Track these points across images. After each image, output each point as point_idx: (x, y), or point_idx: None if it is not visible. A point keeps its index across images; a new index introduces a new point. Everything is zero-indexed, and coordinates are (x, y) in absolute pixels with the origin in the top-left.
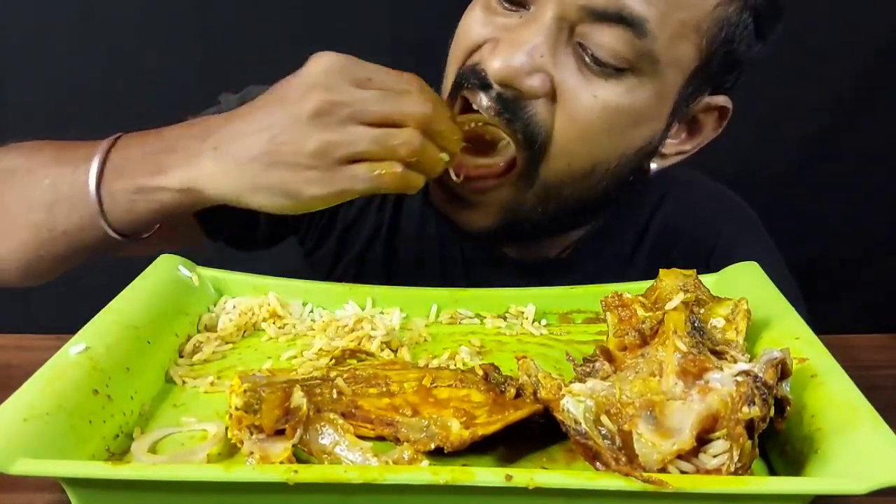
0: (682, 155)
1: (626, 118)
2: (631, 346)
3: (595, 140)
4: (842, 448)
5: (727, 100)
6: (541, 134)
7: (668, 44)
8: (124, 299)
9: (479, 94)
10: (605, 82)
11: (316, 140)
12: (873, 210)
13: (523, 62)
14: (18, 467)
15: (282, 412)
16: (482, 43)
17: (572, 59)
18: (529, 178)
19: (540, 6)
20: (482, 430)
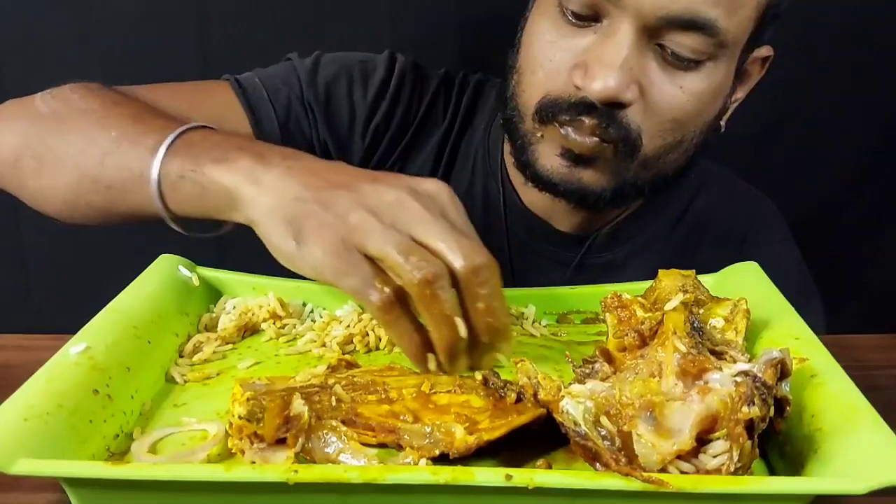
0: (738, 102)
1: (709, 97)
2: (630, 347)
3: (684, 121)
4: (842, 448)
5: (769, 48)
6: (633, 132)
7: (735, 30)
8: (124, 299)
9: (582, 122)
10: (687, 73)
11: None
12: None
13: (620, 79)
14: (18, 467)
15: (282, 420)
16: (564, 68)
17: (654, 61)
18: (629, 157)
19: (614, 18)
20: (487, 435)
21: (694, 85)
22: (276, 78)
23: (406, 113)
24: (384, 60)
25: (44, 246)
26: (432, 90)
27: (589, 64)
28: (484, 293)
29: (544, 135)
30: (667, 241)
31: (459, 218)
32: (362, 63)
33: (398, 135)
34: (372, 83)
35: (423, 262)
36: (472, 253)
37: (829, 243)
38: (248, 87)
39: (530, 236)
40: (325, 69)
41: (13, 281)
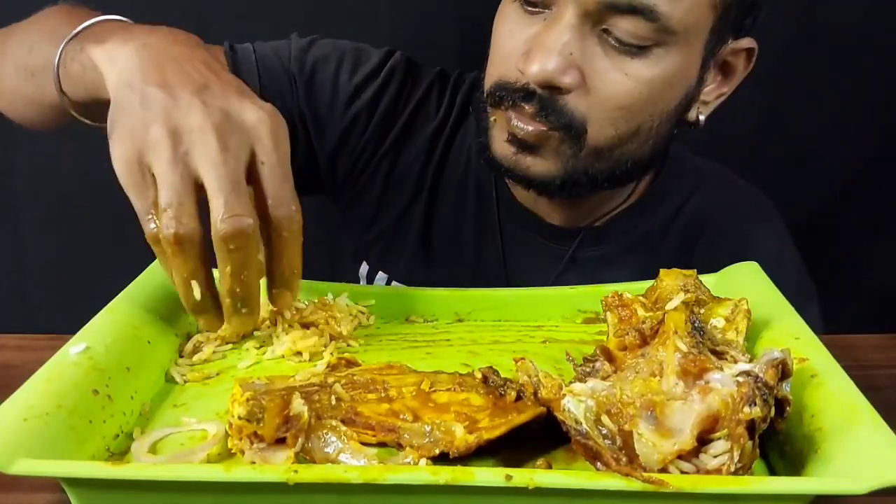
0: (723, 97)
1: (660, 84)
2: (631, 346)
3: (635, 110)
4: (842, 448)
5: (751, 41)
6: (577, 120)
7: (683, 16)
8: (124, 299)
9: (522, 107)
10: (632, 59)
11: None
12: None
13: (557, 62)
14: (18, 467)
15: (281, 420)
16: (515, 54)
17: (598, 46)
18: (575, 147)
19: (560, 5)
20: (487, 434)
21: (641, 71)
22: (269, 48)
23: (392, 106)
24: (379, 53)
25: (43, 246)
26: (424, 87)
27: (531, 49)
28: (235, 258)
29: (497, 119)
30: (661, 240)
31: (270, 156)
32: (356, 49)
33: (384, 126)
34: (361, 69)
35: (177, 220)
36: (231, 217)
37: (829, 243)
38: (239, 53)
39: (522, 229)
40: (318, 48)
41: (13, 281)
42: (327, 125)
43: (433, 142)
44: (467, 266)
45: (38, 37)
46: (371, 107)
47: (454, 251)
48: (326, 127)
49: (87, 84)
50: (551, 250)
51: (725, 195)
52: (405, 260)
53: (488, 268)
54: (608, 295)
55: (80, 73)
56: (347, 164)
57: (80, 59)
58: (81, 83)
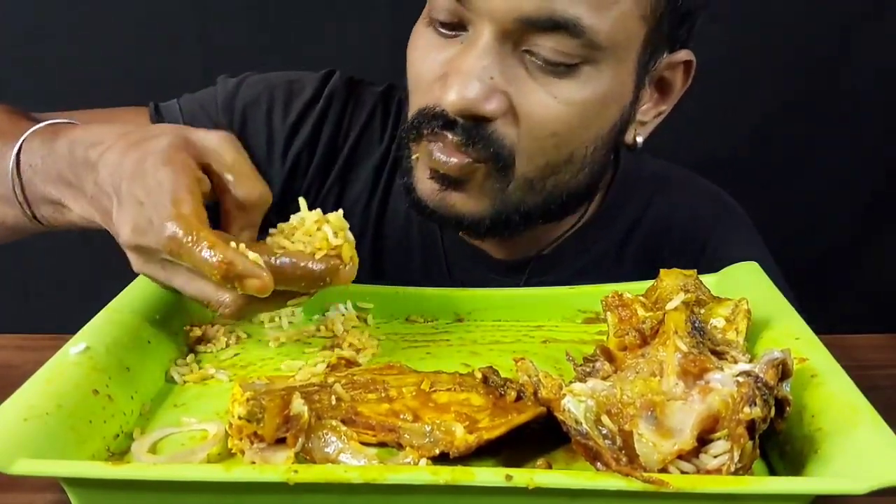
0: (662, 115)
1: (592, 106)
2: (631, 346)
3: (567, 136)
4: (842, 448)
5: (689, 53)
6: (505, 149)
7: (610, 29)
8: (124, 299)
9: (445, 136)
10: (561, 81)
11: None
12: (872, 210)
13: (478, 89)
14: (18, 467)
15: (281, 420)
16: (433, 80)
17: (522, 69)
18: (504, 181)
19: (476, 26)
20: (487, 434)
21: (570, 93)
22: (196, 102)
23: (334, 137)
24: (315, 80)
25: (44, 246)
26: (368, 109)
27: (448, 74)
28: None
29: (419, 156)
30: (619, 257)
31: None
32: (288, 84)
33: (328, 159)
34: (294, 106)
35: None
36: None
37: (829, 244)
38: (165, 113)
39: (470, 265)
40: (246, 91)
41: (13, 281)
42: (268, 174)
43: (377, 174)
44: None
45: None
46: (311, 143)
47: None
48: (267, 176)
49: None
50: (502, 283)
51: (684, 201)
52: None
53: None
54: (608, 295)
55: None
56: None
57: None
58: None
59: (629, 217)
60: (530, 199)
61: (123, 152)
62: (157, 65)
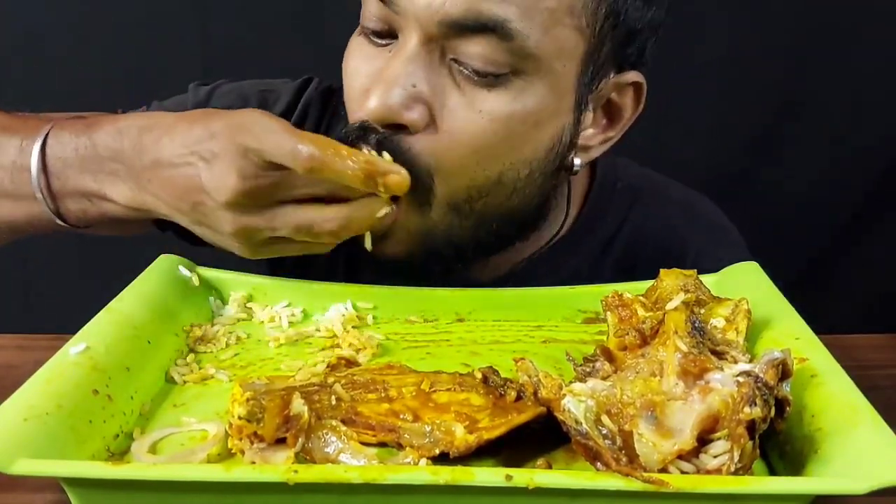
0: (610, 142)
1: (523, 124)
2: (631, 346)
3: (492, 154)
4: (842, 448)
5: (638, 74)
6: (422, 166)
7: (543, 37)
8: (124, 299)
9: (360, 148)
10: (489, 93)
11: (233, 224)
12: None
13: (399, 96)
14: (18, 467)
15: (281, 420)
16: (362, 92)
17: (449, 79)
18: (424, 203)
19: (404, 33)
20: (487, 434)
21: (497, 107)
22: (166, 110)
23: None
24: (290, 90)
25: (44, 246)
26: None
27: (372, 83)
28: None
29: None
30: (594, 273)
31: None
32: (262, 93)
33: None
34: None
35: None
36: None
37: (828, 243)
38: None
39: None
40: (217, 101)
41: (13, 281)
42: None
43: None
44: None
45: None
46: None
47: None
48: None
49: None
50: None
51: (663, 210)
52: None
53: None
54: (608, 295)
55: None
56: None
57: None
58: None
59: (605, 232)
60: (457, 225)
61: (190, 124)
62: (157, 65)
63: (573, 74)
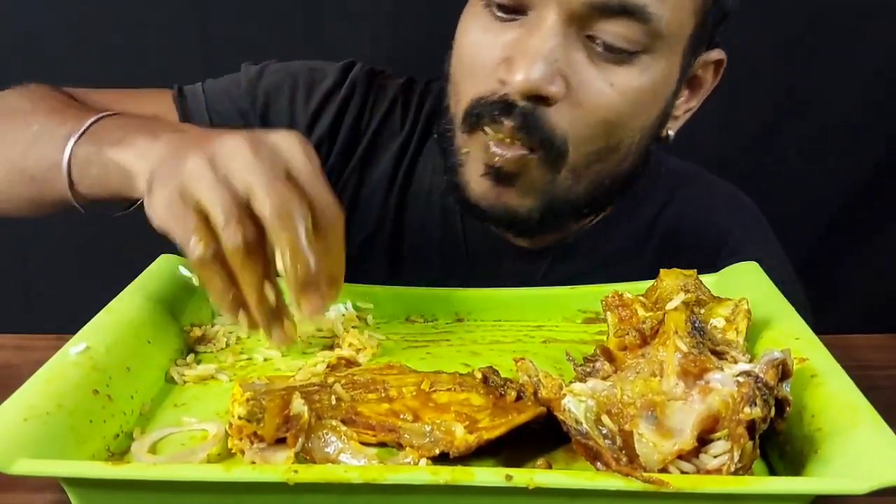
0: (691, 111)
1: (645, 96)
2: (631, 346)
3: (618, 124)
4: (842, 448)
5: (721, 52)
6: (558, 136)
7: (671, 19)
8: (124, 299)
9: (501, 122)
10: (619, 68)
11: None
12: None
13: (543, 71)
14: (18, 467)
15: (281, 420)
16: (491, 66)
17: (583, 53)
18: (556, 168)
19: (540, 9)
20: (487, 434)
21: (627, 81)
22: (220, 87)
23: (356, 124)
24: (337, 69)
25: (44, 246)
26: (389, 99)
27: (513, 56)
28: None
29: (470, 151)
30: (637, 251)
31: (306, 165)
32: (311, 71)
33: (348, 148)
34: (316, 92)
35: (240, 227)
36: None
37: (829, 243)
38: (189, 97)
39: (490, 253)
40: (268, 77)
41: (13, 281)
42: None
43: (397, 162)
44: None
45: (30, 138)
46: (333, 130)
47: (420, 276)
48: None
49: (110, 185)
50: (521, 272)
51: (703, 199)
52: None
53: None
54: (608, 295)
55: (100, 174)
56: None
57: (100, 161)
58: (102, 184)
59: (650, 212)
60: (576, 188)
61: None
62: (157, 65)
63: (682, 51)
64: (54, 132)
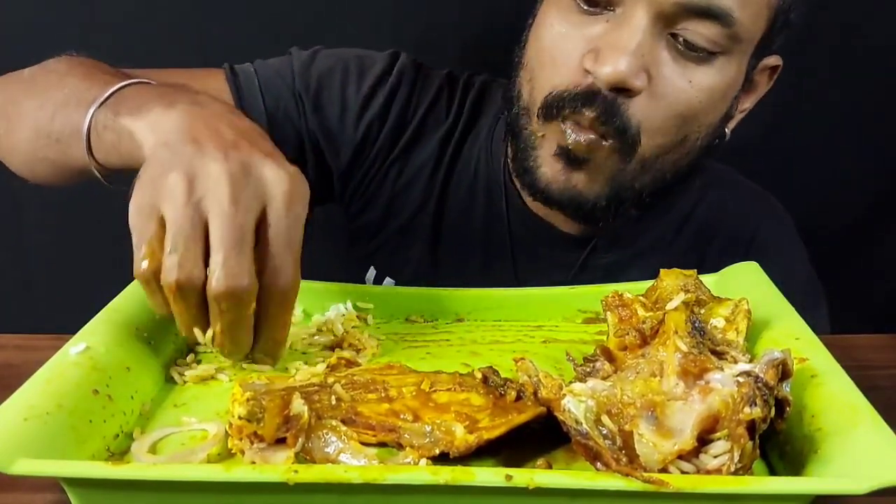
0: (745, 112)
1: (718, 95)
2: (631, 346)
3: (691, 119)
4: (842, 448)
5: (778, 58)
6: (633, 126)
7: (749, 25)
8: (124, 299)
9: (583, 114)
10: (698, 67)
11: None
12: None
13: (630, 65)
14: (18, 467)
15: (281, 420)
16: (576, 57)
17: (666, 50)
18: (628, 157)
19: (629, 6)
20: (487, 434)
21: (704, 80)
22: (272, 69)
23: (404, 111)
24: (384, 57)
25: (44, 246)
26: (434, 89)
27: (601, 49)
28: (225, 318)
29: (546, 134)
30: (672, 244)
31: (280, 219)
32: (360, 58)
33: (395, 132)
34: (367, 78)
35: (181, 266)
36: (228, 276)
37: (830, 243)
38: (242, 76)
39: (533, 239)
40: (321, 61)
41: (13, 281)
42: (340, 140)
43: (442, 147)
44: (475, 273)
45: (59, 100)
46: (382, 115)
47: (462, 258)
48: (339, 142)
49: (122, 152)
50: (562, 258)
51: (736, 195)
52: (412, 266)
53: (497, 275)
54: (608, 295)
55: (114, 141)
56: (360, 174)
57: (115, 127)
58: (116, 151)
59: (684, 208)
60: (642, 178)
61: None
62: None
63: (750, 55)
64: (81, 97)
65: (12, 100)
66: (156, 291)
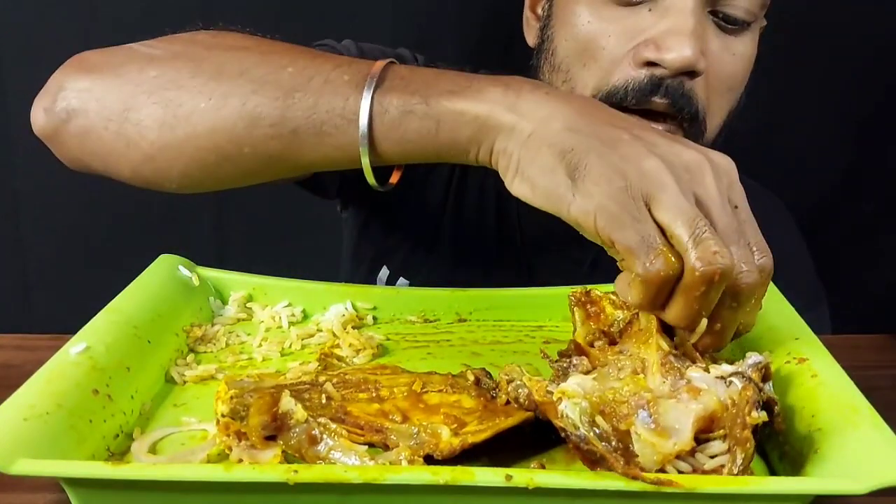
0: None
1: (751, 62)
2: (601, 346)
3: (736, 91)
4: (842, 448)
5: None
6: (700, 107)
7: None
8: (124, 299)
9: (653, 102)
10: (737, 38)
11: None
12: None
13: (694, 48)
14: (18, 467)
15: (270, 418)
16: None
17: (711, 28)
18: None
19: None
20: (472, 437)
21: (742, 49)
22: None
23: None
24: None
25: (44, 246)
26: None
27: (659, 38)
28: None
29: None
30: None
31: (743, 203)
32: (397, 55)
33: None
34: None
35: (715, 258)
36: (754, 270)
37: (829, 243)
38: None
39: (545, 235)
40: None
41: (13, 281)
42: None
43: None
44: (490, 272)
45: (286, 82)
46: None
47: (476, 258)
48: None
49: (439, 139)
50: (575, 255)
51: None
52: (428, 266)
53: (510, 274)
54: (575, 291)
55: (429, 127)
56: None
57: (430, 113)
58: (429, 138)
59: None
60: None
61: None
62: None
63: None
64: (330, 78)
65: (173, 82)
66: (660, 292)
